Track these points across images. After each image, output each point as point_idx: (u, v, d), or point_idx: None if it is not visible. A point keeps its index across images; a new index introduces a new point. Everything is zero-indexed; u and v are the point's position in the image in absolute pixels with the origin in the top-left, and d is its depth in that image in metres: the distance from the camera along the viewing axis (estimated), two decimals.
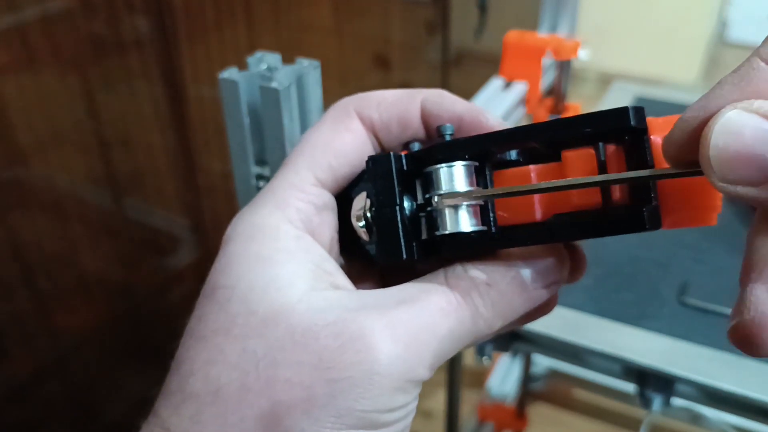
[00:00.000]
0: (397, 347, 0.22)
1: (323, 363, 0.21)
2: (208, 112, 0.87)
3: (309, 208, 0.26)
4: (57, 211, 0.73)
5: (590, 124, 0.22)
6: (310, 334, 0.22)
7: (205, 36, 0.84)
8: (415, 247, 0.24)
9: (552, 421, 1.36)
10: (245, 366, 0.22)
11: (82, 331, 0.81)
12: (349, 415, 0.21)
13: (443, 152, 0.24)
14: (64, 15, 0.68)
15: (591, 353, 0.64)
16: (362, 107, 0.27)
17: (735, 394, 0.58)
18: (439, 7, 1.37)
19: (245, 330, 0.22)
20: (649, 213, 0.21)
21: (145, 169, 0.82)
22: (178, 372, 0.23)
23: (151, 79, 0.79)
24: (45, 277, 0.74)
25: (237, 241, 0.25)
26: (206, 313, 0.24)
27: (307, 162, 0.26)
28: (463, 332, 0.23)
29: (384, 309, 0.23)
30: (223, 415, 0.22)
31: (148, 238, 0.88)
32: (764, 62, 0.18)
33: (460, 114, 0.26)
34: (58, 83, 0.69)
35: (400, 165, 0.25)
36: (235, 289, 0.23)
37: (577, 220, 0.22)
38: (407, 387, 0.22)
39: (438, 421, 1.35)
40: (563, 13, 0.88)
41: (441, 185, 0.24)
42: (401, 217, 0.24)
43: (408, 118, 0.27)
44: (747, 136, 0.17)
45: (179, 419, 0.22)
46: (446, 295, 0.23)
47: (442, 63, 1.45)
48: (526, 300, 0.24)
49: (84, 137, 0.74)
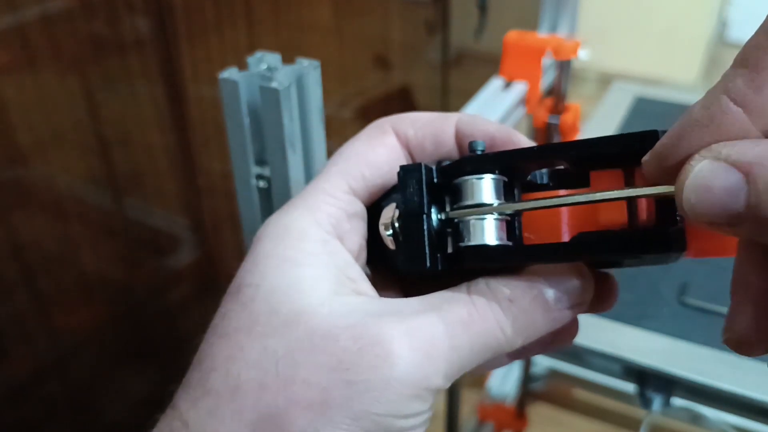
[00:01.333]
0: (415, 355, 0.22)
1: (341, 365, 0.22)
2: (208, 112, 0.87)
3: (339, 214, 0.26)
4: (57, 211, 0.73)
5: (618, 145, 0.22)
6: (330, 337, 0.22)
7: (205, 36, 0.84)
8: (439, 259, 0.25)
9: (552, 421, 1.36)
10: (265, 364, 0.22)
11: (82, 331, 0.81)
12: (365, 419, 0.22)
13: (472, 164, 0.25)
14: (64, 15, 0.68)
15: (591, 353, 0.64)
16: (398, 125, 0.28)
17: (735, 394, 0.58)
18: (439, 7, 1.37)
19: (267, 329, 0.23)
20: (674, 233, 0.21)
21: (145, 169, 0.82)
22: (200, 367, 0.24)
23: (151, 79, 0.79)
24: (45, 277, 0.74)
25: (265, 241, 0.25)
26: (230, 310, 0.24)
27: (341, 171, 0.27)
28: (483, 346, 0.23)
29: (405, 316, 0.23)
30: (240, 412, 0.22)
31: (148, 238, 0.88)
32: (732, 102, 0.18)
33: (492, 134, 0.27)
34: (58, 83, 0.69)
35: (431, 176, 0.25)
36: (260, 289, 0.24)
37: (601, 238, 0.22)
38: (423, 395, 0.22)
39: (438, 421, 1.35)
40: (563, 13, 0.88)
41: (468, 196, 0.24)
42: (428, 226, 0.25)
43: (442, 137, 0.27)
44: (716, 189, 0.18)
45: (197, 413, 0.23)
46: (467, 307, 0.23)
47: (442, 63, 1.45)
48: (548, 320, 0.24)
49: (84, 137, 0.74)
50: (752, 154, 0.17)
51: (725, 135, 0.18)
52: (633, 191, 0.22)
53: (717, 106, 0.18)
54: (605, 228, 0.23)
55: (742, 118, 0.18)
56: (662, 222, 0.22)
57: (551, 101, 0.89)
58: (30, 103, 0.67)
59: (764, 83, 0.18)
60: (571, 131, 0.90)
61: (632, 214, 0.22)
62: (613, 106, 1.00)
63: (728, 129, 0.18)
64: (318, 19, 1.05)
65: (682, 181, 0.19)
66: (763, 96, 0.18)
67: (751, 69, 0.18)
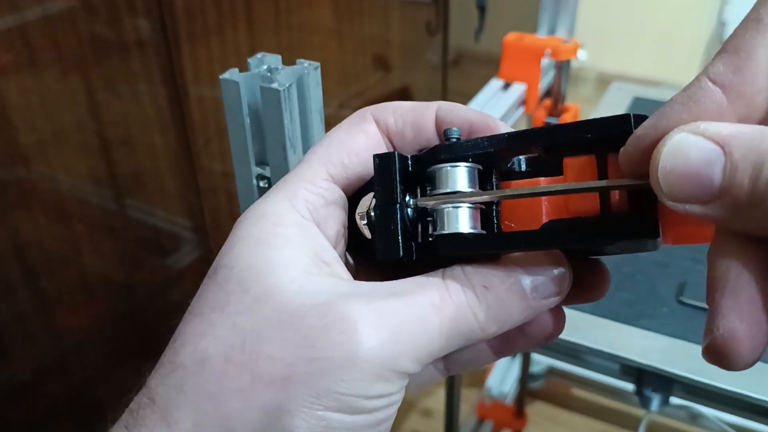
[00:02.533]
0: (380, 333, 0.22)
1: (306, 341, 0.22)
2: (209, 113, 0.87)
3: (317, 200, 0.26)
4: (58, 211, 0.74)
5: (591, 130, 0.22)
6: (297, 314, 0.22)
7: (206, 37, 0.84)
8: (413, 248, 0.25)
9: (551, 419, 1.37)
10: (232, 340, 0.23)
11: (84, 330, 0.81)
12: (327, 396, 0.21)
13: (446, 152, 0.24)
14: (65, 16, 0.68)
15: (590, 352, 0.64)
16: (379, 113, 0.28)
17: (733, 393, 0.58)
18: (439, 9, 1.38)
19: (237, 307, 0.23)
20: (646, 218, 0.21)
21: (147, 169, 0.83)
22: (173, 345, 0.24)
23: (153, 79, 0.79)
24: (46, 277, 0.74)
25: (242, 225, 0.26)
26: (205, 291, 0.25)
27: (321, 158, 0.27)
28: (454, 331, 0.23)
29: (374, 297, 0.23)
30: (204, 386, 0.22)
31: (149, 237, 0.88)
32: (712, 82, 0.18)
33: (471, 120, 0.27)
34: (59, 84, 0.69)
35: (405, 165, 0.25)
36: (234, 270, 0.24)
37: (572, 225, 0.22)
38: (389, 376, 0.22)
39: (438, 420, 1.35)
40: (562, 14, 0.88)
41: (442, 184, 0.24)
42: (401, 215, 0.24)
43: (422, 125, 0.27)
44: (692, 157, 0.18)
45: (165, 389, 0.23)
46: (440, 291, 0.23)
47: (442, 64, 1.46)
48: (523, 308, 0.24)
49: (85, 137, 0.74)
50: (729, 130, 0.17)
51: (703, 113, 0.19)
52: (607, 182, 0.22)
53: (696, 86, 0.19)
54: (577, 213, 0.23)
55: (720, 98, 0.18)
56: (634, 208, 0.22)
57: (550, 102, 0.89)
58: (31, 103, 0.67)
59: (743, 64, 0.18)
60: None
61: (605, 201, 0.22)
62: (612, 106, 1.01)
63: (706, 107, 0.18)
64: (318, 20, 1.05)
65: (659, 150, 0.19)
66: (741, 76, 0.18)
67: (731, 52, 0.18)
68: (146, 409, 0.23)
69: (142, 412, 0.23)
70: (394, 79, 1.32)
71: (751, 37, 0.18)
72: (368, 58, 1.22)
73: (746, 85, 0.18)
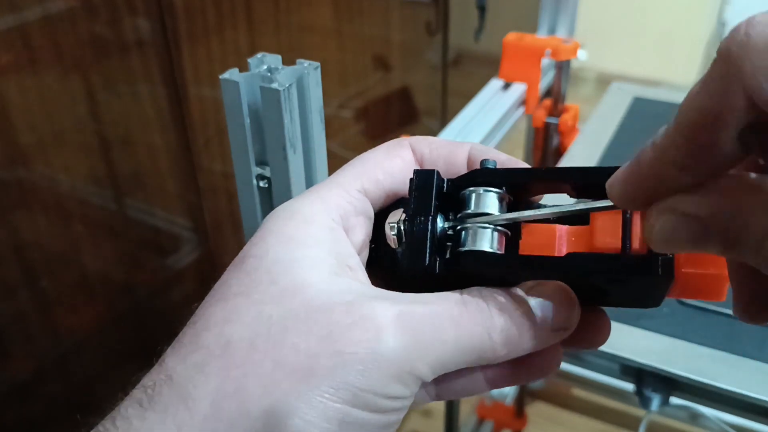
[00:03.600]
0: (404, 336, 0.23)
1: (331, 336, 0.23)
2: (209, 113, 0.87)
3: (349, 208, 0.27)
4: (58, 211, 0.74)
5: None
6: (324, 309, 0.23)
7: (206, 37, 0.84)
8: (438, 262, 0.26)
9: (551, 420, 1.37)
10: (257, 327, 0.23)
11: (84, 330, 0.81)
12: (347, 390, 0.22)
13: (482, 177, 0.26)
14: (65, 16, 0.68)
15: (590, 352, 0.64)
16: (416, 143, 0.30)
17: (733, 393, 0.58)
18: (439, 9, 1.38)
19: (265, 297, 0.24)
20: (663, 261, 0.22)
21: (147, 169, 0.83)
22: (194, 327, 0.24)
23: (153, 79, 0.79)
24: (46, 277, 0.74)
25: (274, 220, 0.26)
26: (231, 278, 0.25)
27: (357, 171, 0.28)
28: (468, 346, 0.24)
29: (399, 302, 0.24)
30: (227, 369, 0.23)
31: (149, 238, 0.88)
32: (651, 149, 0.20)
33: (502, 162, 0.28)
34: (59, 84, 0.69)
35: (441, 184, 0.27)
36: (263, 260, 0.25)
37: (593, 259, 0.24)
38: (406, 379, 0.23)
39: (438, 420, 1.35)
40: (562, 14, 0.88)
41: (473, 206, 0.26)
42: (432, 228, 0.26)
43: (455, 160, 0.29)
44: (682, 241, 0.20)
45: (185, 367, 0.23)
46: (458, 306, 0.25)
47: (442, 64, 1.46)
48: (532, 336, 0.25)
49: (85, 137, 0.74)
50: (706, 209, 0.19)
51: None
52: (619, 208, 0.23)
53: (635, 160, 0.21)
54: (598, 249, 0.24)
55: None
56: (653, 253, 0.23)
57: (550, 102, 0.89)
58: (31, 103, 0.67)
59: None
60: (570, 132, 0.90)
61: (625, 241, 0.24)
62: (612, 106, 1.00)
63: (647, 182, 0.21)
64: (318, 20, 1.05)
65: (648, 238, 0.21)
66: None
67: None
68: (162, 386, 0.23)
69: (158, 389, 0.23)
70: (394, 79, 1.32)
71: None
72: (368, 58, 1.22)
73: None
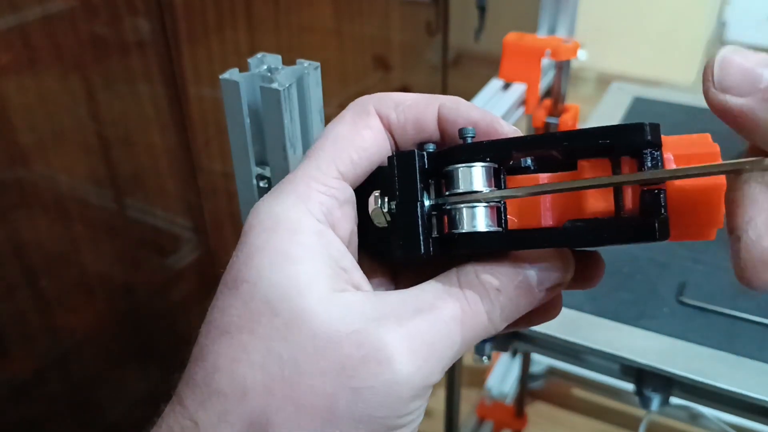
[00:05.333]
0: (416, 359, 0.23)
1: (345, 372, 0.22)
2: (209, 113, 0.87)
3: (331, 202, 0.26)
4: (58, 211, 0.74)
5: (608, 136, 0.23)
6: (332, 342, 0.23)
7: (206, 37, 0.84)
8: (431, 244, 0.25)
9: (551, 420, 1.37)
10: (270, 368, 0.23)
11: (83, 330, 0.81)
12: (369, 422, 0.22)
13: (465, 153, 0.25)
14: (65, 15, 0.68)
15: (590, 352, 0.64)
16: (381, 106, 0.28)
17: (733, 393, 0.58)
18: (439, 9, 1.38)
19: (269, 331, 0.23)
20: (660, 224, 0.22)
21: (146, 169, 0.83)
22: (204, 365, 0.24)
23: (152, 79, 0.79)
24: (46, 277, 0.74)
25: (259, 232, 0.25)
26: (228, 306, 0.24)
27: (330, 155, 0.27)
28: (474, 337, 0.25)
29: (402, 319, 0.24)
30: (250, 416, 0.23)
31: (149, 238, 0.88)
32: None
33: (475, 120, 0.27)
34: (59, 84, 0.69)
35: (423, 163, 0.26)
36: (257, 286, 0.24)
37: (592, 227, 0.24)
38: (422, 393, 0.24)
39: (438, 420, 1.35)
40: (562, 14, 0.88)
41: (460, 184, 0.25)
42: (421, 213, 0.25)
43: (424, 121, 0.28)
44: (751, 57, 0.21)
45: (206, 414, 0.23)
46: (460, 302, 0.24)
47: (442, 64, 1.46)
48: (531, 302, 0.25)
49: (85, 137, 0.74)
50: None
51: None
52: (620, 177, 0.23)
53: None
54: (591, 215, 0.24)
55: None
56: (647, 212, 0.23)
57: (550, 102, 0.89)
58: (31, 103, 0.67)
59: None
60: None
61: (618, 203, 0.23)
62: (612, 106, 1.01)
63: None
64: (318, 20, 1.05)
65: (720, 50, 0.21)
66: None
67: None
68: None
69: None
70: (394, 79, 1.32)
71: None
72: (368, 58, 1.22)
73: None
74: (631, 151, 0.23)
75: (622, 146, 0.23)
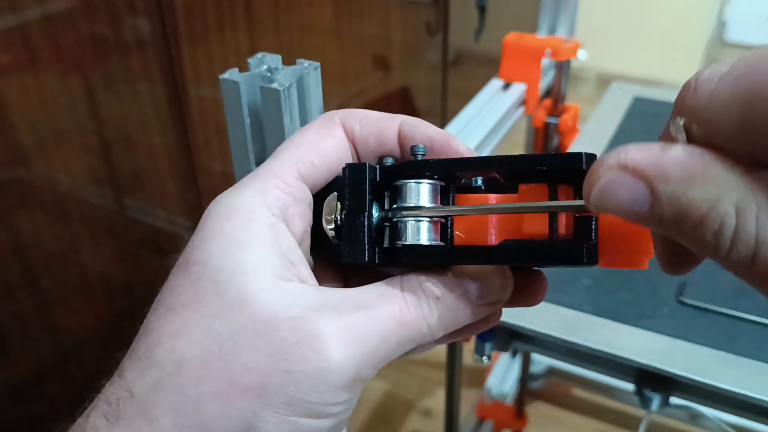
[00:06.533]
0: (349, 350, 0.24)
1: (280, 354, 0.23)
2: (209, 113, 0.87)
3: (288, 199, 0.27)
4: (58, 211, 0.74)
5: (546, 163, 0.24)
6: (271, 325, 0.24)
7: (206, 37, 0.84)
8: (377, 253, 0.27)
9: (551, 419, 1.37)
10: (208, 345, 0.24)
11: (83, 330, 0.81)
12: (299, 405, 0.23)
13: (414, 169, 0.27)
14: (65, 16, 0.68)
15: (590, 352, 0.64)
16: (347, 119, 0.29)
17: (733, 393, 0.58)
18: (439, 9, 1.38)
19: (212, 310, 0.24)
20: (588, 249, 0.23)
21: (146, 169, 0.83)
22: (147, 339, 0.25)
23: (152, 79, 0.79)
24: (46, 277, 0.74)
25: (215, 219, 0.26)
26: (178, 285, 0.26)
27: (292, 156, 0.28)
28: (410, 339, 0.26)
29: (342, 312, 0.25)
30: (183, 388, 0.24)
31: (149, 238, 0.88)
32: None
33: (432, 137, 0.28)
34: (59, 84, 0.69)
35: (374, 175, 0.27)
36: (207, 267, 0.25)
37: (524, 247, 0.25)
38: (353, 385, 0.24)
39: (438, 420, 1.35)
40: (562, 14, 0.88)
41: (408, 199, 0.27)
42: (368, 224, 0.27)
43: (386, 136, 0.29)
44: (621, 199, 0.20)
45: (142, 383, 0.24)
46: (399, 304, 0.25)
47: (442, 64, 1.46)
48: (469, 315, 0.27)
49: (85, 137, 0.74)
50: (656, 166, 0.19)
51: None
52: (554, 203, 0.25)
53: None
54: (528, 237, 0.25)
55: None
56: (579, 236, 0.24)
57: (550, 102, 0.89)
58: (31, 103, 0.67)
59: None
60: (570, 132, 0.90)
61: (552, 227, 0.25)
62: (612, 106, 1.01)
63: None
64: (318, 20, 1.05)
65: (590, 186, 0.20)
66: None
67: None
68: (126, 402, 0.24)
69: (122, 404, 0.24)
70: (394, 79, 1.32)
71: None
72: (368, 58, 1.22)
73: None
74: (568, 179, 0.24)
75: (558, 174, 0.24)
